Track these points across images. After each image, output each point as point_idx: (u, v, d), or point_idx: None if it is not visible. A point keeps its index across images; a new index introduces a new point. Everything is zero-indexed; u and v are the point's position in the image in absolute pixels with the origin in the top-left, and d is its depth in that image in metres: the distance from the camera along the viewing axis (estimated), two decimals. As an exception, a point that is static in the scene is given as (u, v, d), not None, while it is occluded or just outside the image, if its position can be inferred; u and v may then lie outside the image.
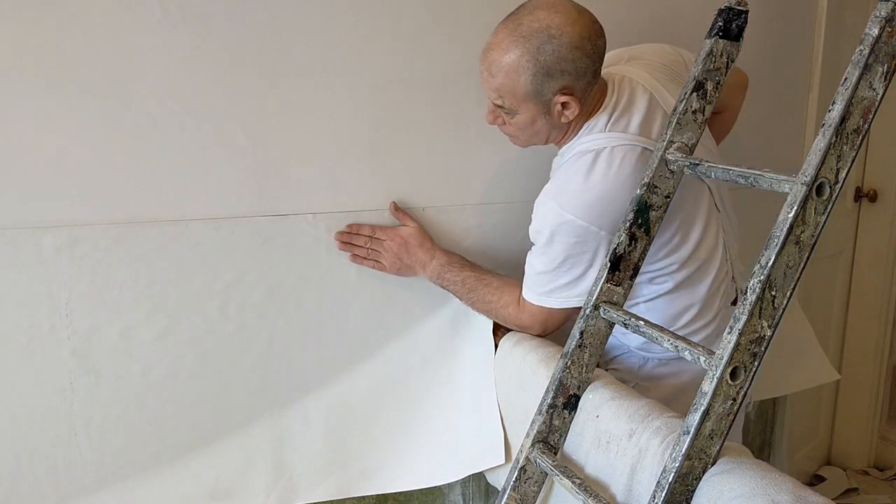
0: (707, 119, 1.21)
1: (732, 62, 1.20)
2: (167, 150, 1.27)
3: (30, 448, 1.28)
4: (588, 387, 1.21)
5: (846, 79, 0.94)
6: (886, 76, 0.94)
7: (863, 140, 0.96)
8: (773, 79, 1.90)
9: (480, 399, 1.47)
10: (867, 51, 0.93)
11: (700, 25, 1.26)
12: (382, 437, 1.51)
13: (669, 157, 1.17)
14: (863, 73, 0.93)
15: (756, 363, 0.97)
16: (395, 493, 1.58)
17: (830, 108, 0.95)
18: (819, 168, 0.94)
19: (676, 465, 0.96)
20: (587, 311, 1.19)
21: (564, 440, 1.21)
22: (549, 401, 1.19)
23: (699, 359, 1.00)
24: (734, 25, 1.18)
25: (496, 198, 1.51)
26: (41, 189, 1.21)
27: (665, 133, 1.19)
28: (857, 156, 0.97)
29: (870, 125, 0.96)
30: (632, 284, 1.21)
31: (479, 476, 1.55)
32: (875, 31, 0.92)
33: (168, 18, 1.22)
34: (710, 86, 1.19)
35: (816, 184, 0.95)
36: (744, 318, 0.95)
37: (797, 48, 1.95)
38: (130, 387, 1.32)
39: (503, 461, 1.42)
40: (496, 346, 1.46)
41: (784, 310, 0.97)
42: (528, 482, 1.22)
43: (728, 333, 0.96)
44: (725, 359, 0.95)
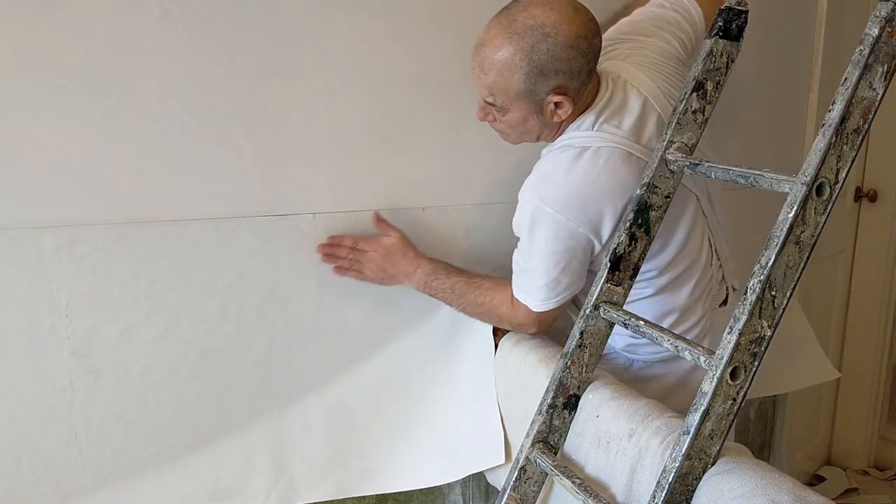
0: (707, 119, 1.21)
1: (733, 62, 1.20)
2: (167, 150, 1.27)
3: (30, 448, 1.27)
4: (588, 387, 1.21)
5: (846, 79, 0.94)
6: (886, 76, 0.94)
7: (863, 140, 0.96)
8: (773, 79, 1.90)
9: (480, 399, 1.47)
10: (867, 51, 0.93)
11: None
12: (382, 437, 1.51)
13: (669, 157, 1.17)
14: (863, 73, 0.93)
15: (756, 363, 0.97)
16: (395, 493, 1.58)
17: (830, 108, 0.95)
18: (819, 168, 0.94)
19: (676, 465, 0.96)
20: (587, 311, 1.19)
21: (564, 440, 1.21)
22: (549, 401, 1.19)
23: (699, 358, 1.00)
24: (734, 25, 1.18)
25: (496, 198, 1.50)
26: (41, 189, 1.20)
27: (665, 133, 1.19)
28: (857, 156, 0.97)
29: (870, 125, 0.96)
30: (632, 284, 1.21)
31: (479, 476, 1.55)
32: (875, 31, 0.92)
33: (168, 18, 1.22)
34: (711, 86, 1.19)
35: (816, 184, 0.95)
36: (744, 318, 0.95)
37: (797, 48, 1.95)
38: (130, 387, 1.32)
39: (503, 461, 1.42)
40: (496, 346, 1.46)
41: (784, 310, 0.97)
42: (528, 482, 1.22)
43: (728, 333, 0.96)
44: (725, 359, 0.95)
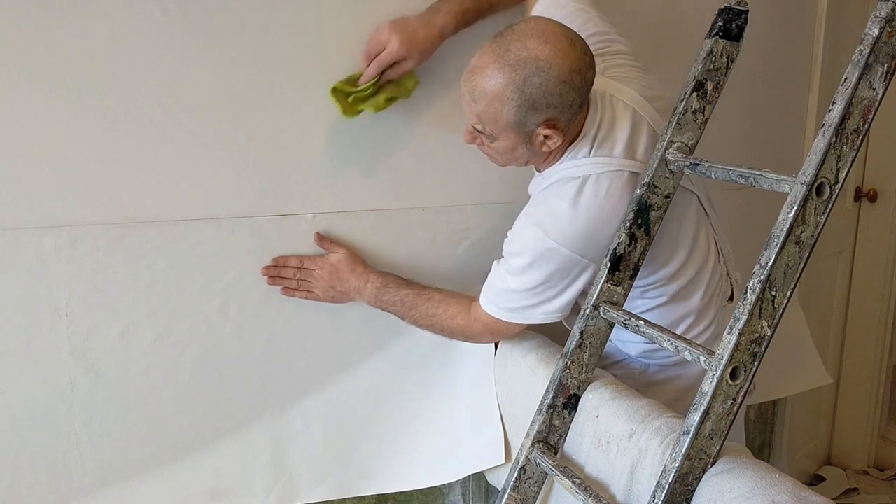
0: (707, 119, 1.21)
1: (732, 62, 1.20)
2: (167, 151, 1.27)
3: (30, 448, 1.27)
4: (588, 387, 1.21)
5: (846, 79, 0.94)
6: (886, 76, 0.94)
7: (863, 140, 0.96)
8: (773, 79, 1.89)
9: (480, 399, 1.47)
10: (867, 51, 0.93)
11: (700, 25, 1.26)
12: (382, 437, 1.51)
13: (669, 157, 1.17)
14: (863, 73, 0.93)
15: (756, 363, 0.97)
16: (395, 493, 1.58)
17: (830, 108, 0.95)
18: (819, 168, 0.94)
19: (676, 465, 0.96)
20: (587, 311, 1.19)
21: (564, 440, 1.21)
22: (549, 401, 1.19)
23: (699, 359, 1.00)
24: (734, 25, 1.18)
25: (496, 198, 1.50)
26: (41, 189, 1.20)
27: (665, 133, 1.19)
28: (857, 156, 0.97)
29: (870, 125, 0.96)
30: (632, 284, 1.21)
31: (479, 476, 1.55)
32: (875, 31, 0.92)
33: (168, 18, 1.22)
34: (710, 86, 1.19)
35: (816, 184, 0.95)
36: (744, 318, 0.95)
37: (797, 48, 1.95)
38: (130, 387, 1.32)
39: (503, 461, 1.42)
40: (496, 346, 1.46)
41: (784, 310, 0.97)
42: (528, 482, 1.22)
43: (728, 333, 0.96)
44: (725, 359, 0.95)
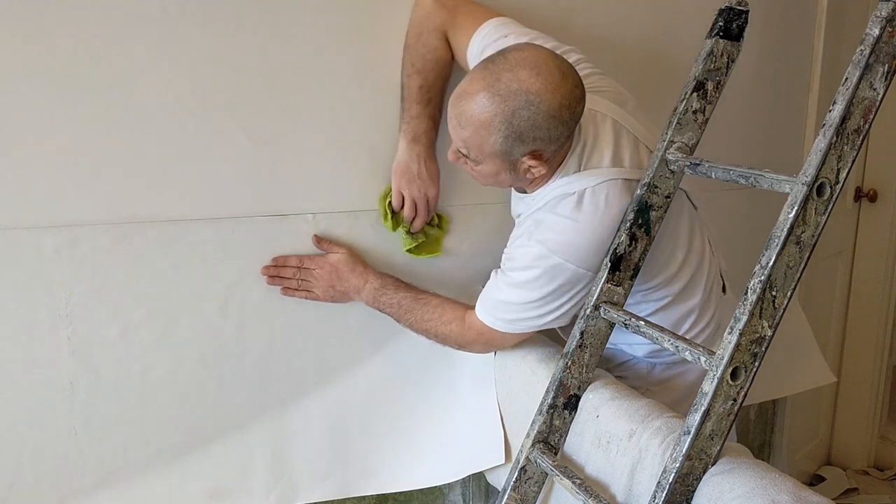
0: (707, 119, 1.21)
1: (733, 62, 1.20)
2: (167, 150, 1.27)
3: (30, 448, 1.27)
4: (588, 387, 1.21)
5: (847, 79, 0.94)
6: (887, 76, 0.94)
7: (863, 140, 0.96)
8: (773, 79, 1.89)
9: (480, 399, 1.47)
10: (868, 51, 0.93)
11: (700, 25, 1.26)
12: (382, 437, 1.51)
13: (670, 157, 1.17)
14: (863, 73, 0.93)
15: (756, 363, 0.97)
16: (395, 493, 1.58)
17: (831, 108, 0.95)
18: (819, 168, 0.94)
19: (677, 466, 0.96)
20: (587, 312, 1.19)
21: (565, 440, 1.21)
22: (550, 401, 1.19)
23: (699, 359, 1.00)
24: (734, 25, 1.18)
25: (496, 198, 1.50)
26: (41, 189, 1.20)
27: (665, 133, 1.19)
28: (858, 156, 0.97)
29: (870, 125, 0.96)
30: (632, 284, 1.21)
31: (479, 476, 1.55)
32: (876, 31, 0.92)
33: (168, 18, 1.22)
34: (711, 86, 1.19)
35: (817, 184, 0.95)
36: (744, 319, 0.95)
37: (797, 48, 1.94)
38: (130, 387, 1.32)
39: (503, 461, 1.42)
40: (496, 346, 1.46)
41: (784, 310, 0.97)
42: (529, 482, 1.22)
43: (728, 333, 0.96)
44: (726, 359, 0.95)
